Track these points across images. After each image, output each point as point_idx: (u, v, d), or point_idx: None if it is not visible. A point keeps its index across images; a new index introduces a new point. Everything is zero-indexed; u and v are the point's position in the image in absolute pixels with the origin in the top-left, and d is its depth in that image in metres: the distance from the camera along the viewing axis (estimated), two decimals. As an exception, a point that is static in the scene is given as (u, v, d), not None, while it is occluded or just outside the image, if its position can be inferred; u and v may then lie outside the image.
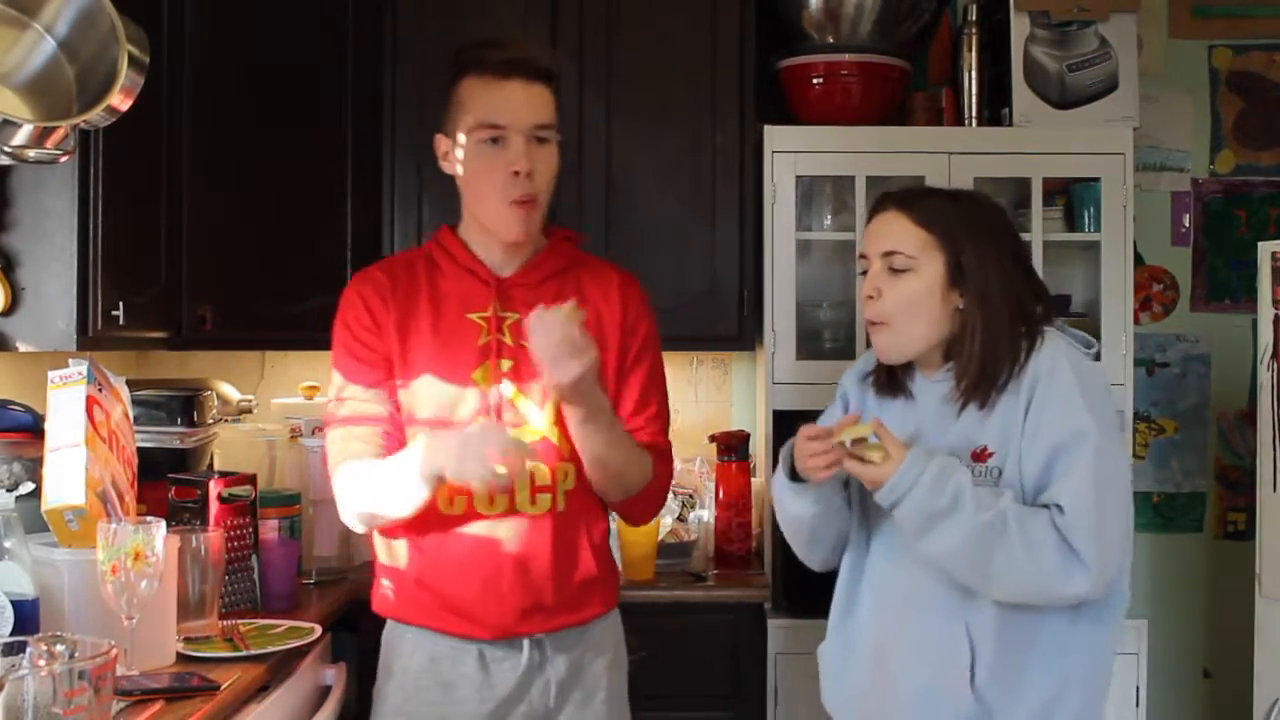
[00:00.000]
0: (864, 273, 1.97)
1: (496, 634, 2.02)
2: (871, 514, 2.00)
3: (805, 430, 1.92)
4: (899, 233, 1.92)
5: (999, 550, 1.79)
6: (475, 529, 2.01)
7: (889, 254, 1.91)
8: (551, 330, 1.83)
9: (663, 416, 2.14)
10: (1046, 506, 1.82)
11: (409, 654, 2.06)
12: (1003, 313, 1.89)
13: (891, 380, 2.02)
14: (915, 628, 1.92)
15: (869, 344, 2.02)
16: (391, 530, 2.05)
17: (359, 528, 2.07)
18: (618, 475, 2.04)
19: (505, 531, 2.01)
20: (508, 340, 2.02)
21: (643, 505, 2.13)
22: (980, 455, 1.89)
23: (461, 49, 2.02)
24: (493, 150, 1.97)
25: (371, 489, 1.98)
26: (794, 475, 1.99)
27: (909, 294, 1.90)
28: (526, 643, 2.03)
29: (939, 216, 1.92)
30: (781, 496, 2.02)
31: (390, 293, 2.06)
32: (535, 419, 2.01)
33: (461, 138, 2.00)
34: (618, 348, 2.07)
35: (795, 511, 2.01)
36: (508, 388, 2.01)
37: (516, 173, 1.95)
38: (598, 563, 2.08)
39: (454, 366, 2.01)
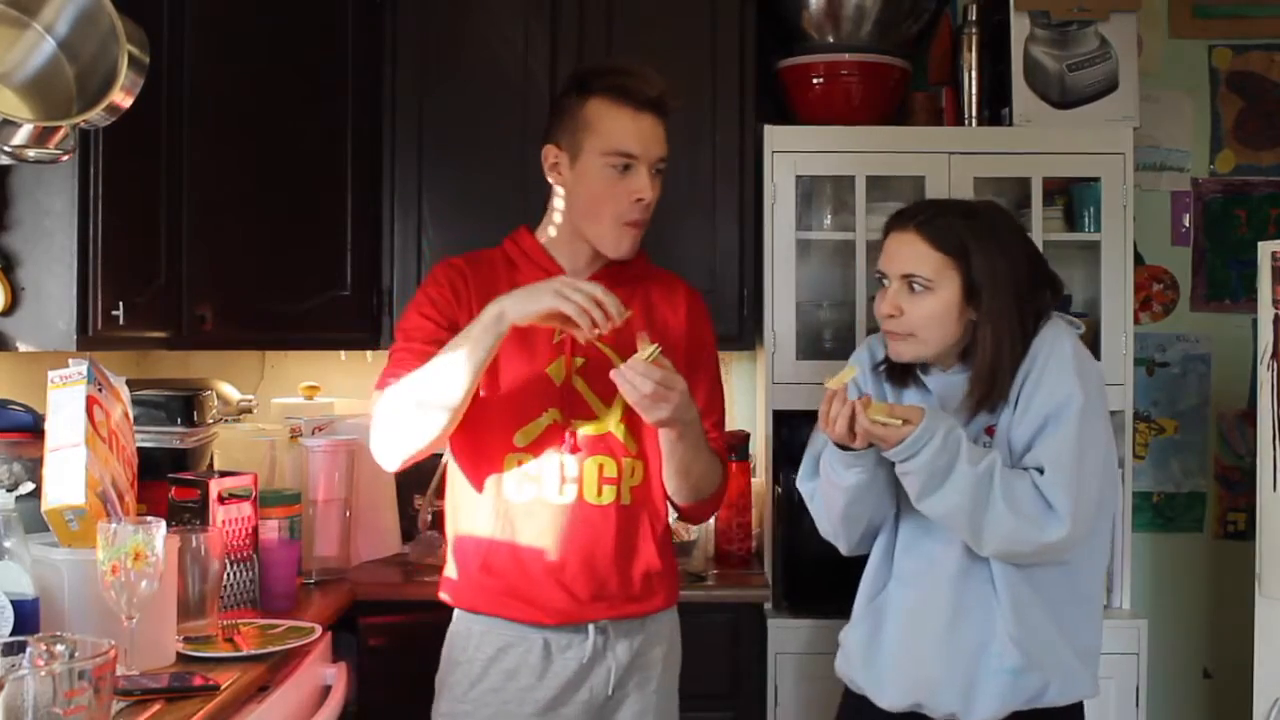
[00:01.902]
0: (882, 286, 2.09)
1: (561, 619, 2.10)
2: (902, 490, 2.09)
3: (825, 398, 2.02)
4: (917, 256, 2.04)
5: (988, 501, 1.94)
6: (541, 517, 2.10)
7: (908, 276, 2.04)
8: (640, 384, 1.93)
9: (723, 425, 2.27)
10: (1028, 469, 1.98)
11: (476, 645, 2.14)
12: (1013, 322, 2.02)
13: (902, 373, 2.15)
14: (950, 599, 2.05)
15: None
16: (459, 513, 2.15)
17: (394, 453, 2.06)
18: (697, 481, 2.15)
19: (571, 520, 2.10)
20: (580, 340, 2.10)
21: (707, 507, 2.24)
22: (989, 431, 2.06)
23: (596, 71, 2.14)
24: (619, 176, 2.09)
25: (419, 379, 2.00)
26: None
27: (928, 312, 2.04)
28: (591, 628, 2.11)
29: (954, 237, 2.03)
30: (831, 463, 2.09)
31: (473, 279, 2.16)
32: (606, 417, 2.13)
33: (587, 157, 2.09)
34: (684, 356, 2.15)
35: (843, 481, 2.08)
36: (570, 461, 2.11)
37: (640, 199, 2.09)
38: (660, 557, 2.18)
39: (530, 359, 2.11)
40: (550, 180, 2.17)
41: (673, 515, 2.29)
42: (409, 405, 2.01)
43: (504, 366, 2.11)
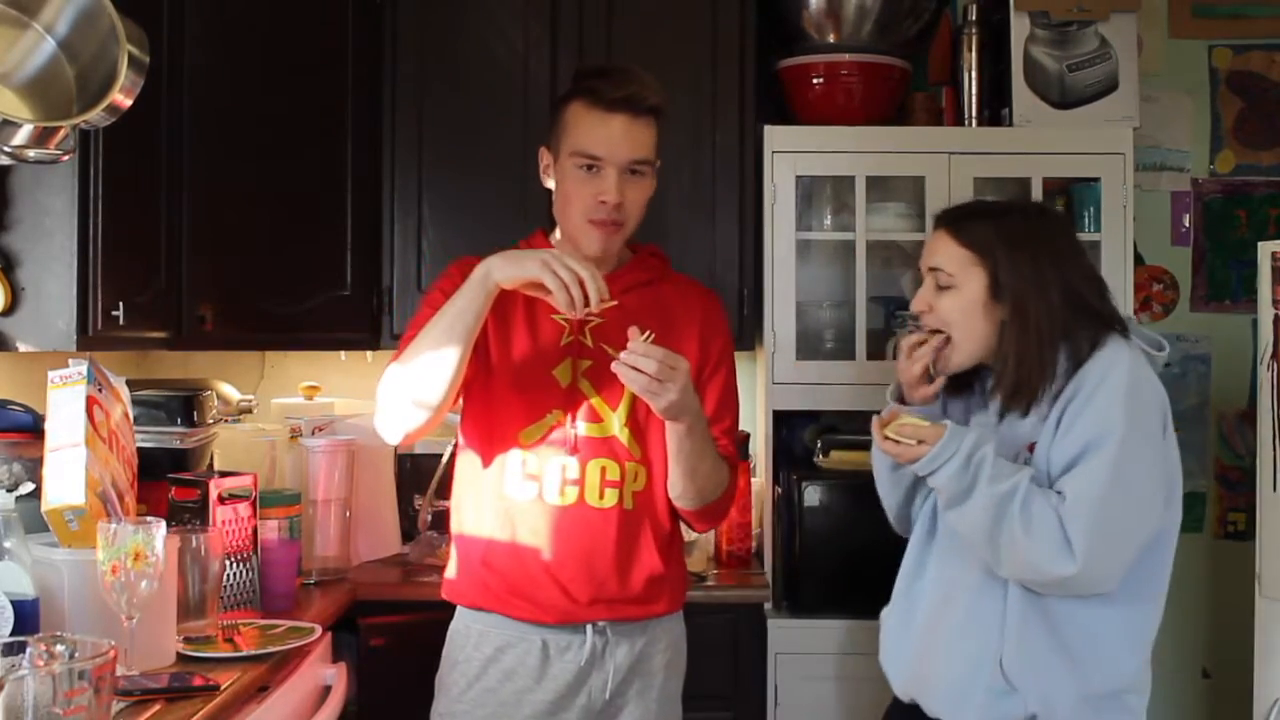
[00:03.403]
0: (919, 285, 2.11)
1: (561, 618, 2.10)
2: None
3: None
4: (943, 251, 2.04)
5: (1005, 524, 1.89)
6: (541, 516, 2.11)
7: (933, 270, 2.05)
8: (644, 364, 1.92)
9: (735, 430, 2.25)
10: (1058, 492, 1.91)
11: (475, 644, 2.14)
12: (1039, 324, 1.97)
13: (959, 381, 2.11)
14: (966, 600, 2.02)
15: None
16: (463, 510, 2.17)
17: (396, 424, 2.06)
18: (703, 484, 2.13)
19: (571, 522, 2.10)
20: (588, 342, 2.13)
21: (712, 514, 2.22)
22: (1031, 448, 2.00)
23: (580, 74, 2.15)
24: (586, 177, 2.09)
25: (414, 346, 2.01)
26: None
27: (951, 309, 2.03)
28: (589, 629, 2.11)
29: (979, 234, 2.02)
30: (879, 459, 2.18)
31: None
32: (610, 420, 2.13)
33: (562, 159, 2.11)
34: (696, 359, 2.14)
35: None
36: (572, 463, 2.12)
37: (603, 201, 2.07)
38: (664, 562, 2.17)
39: (538, 359, 2.12)
40: (544, 182, 2.19)
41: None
42: (407, 373, 2.02)
43: (512, 365, 2.13)
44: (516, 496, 2.13)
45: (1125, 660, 1.99)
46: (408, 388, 2.02)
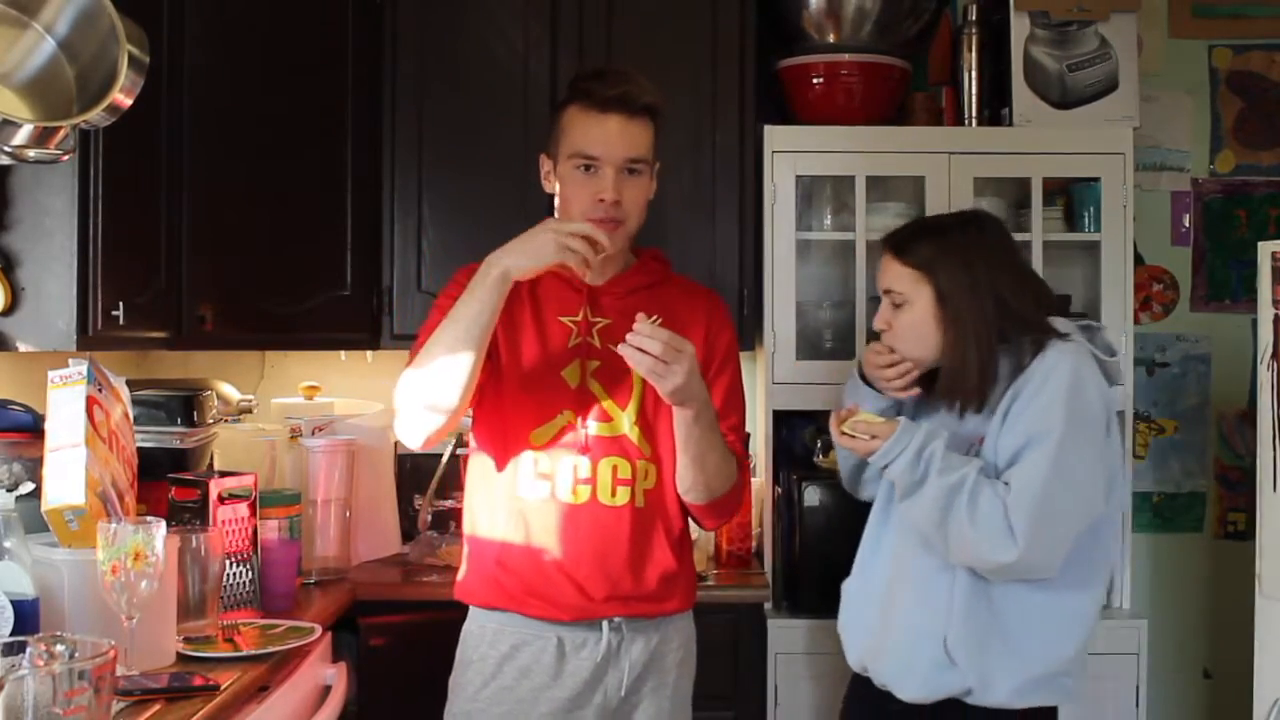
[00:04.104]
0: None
1: (576, 615, 2.12)
2: None
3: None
4: (893, 273, 2.19)
5: (953, 513, 2.03)
6: (554, 516, 2.12)
7: (888, 292, 2.20)
8: (650, 345, 1.93)
9: (741, 429, 2.26)
10: (1005, 483, 2.05)
11: (490, 642, 2.15)
12: (976, 329, 2.11)
13: (924, 381, 2.23)
14: (919, 576, 2.14)
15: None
16: (476, 511, 2.18)
17: (416, 428, 2.08)
18: (711, 477, 2.14)
19: (584, 520, 2.12)
20: (596, 343, 2.15)
21: (720, 510, 2.23)
22: (980, 440, 2.14)
23: (576, 78, 2.19)
24: (585, 177, 2.12)
25: (430, 348, 2.04)
26: None
27: (906, 324, 2.18)
28: (605, 625, 2.12)
29: (921, 253, 2.16)
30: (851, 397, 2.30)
31: None
32: (619, 419, 2.15)
33: (562, 162, 2.14)
34: (701, 357, 2.14)
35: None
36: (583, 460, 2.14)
37: (602, 200, 2.10)
38: (677, 560, 2.20)
39: (546, 361, 2.14)
40: (545, 188, 2.21)
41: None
42: (424, 378, 2.04)
43: (521, 368, 2.15)
44: (529, 496, 2.14)
45: (1062, 644, 2.11)
46: (426, 393, 2.04)
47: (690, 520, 2.26)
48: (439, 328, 2.04)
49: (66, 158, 2.01)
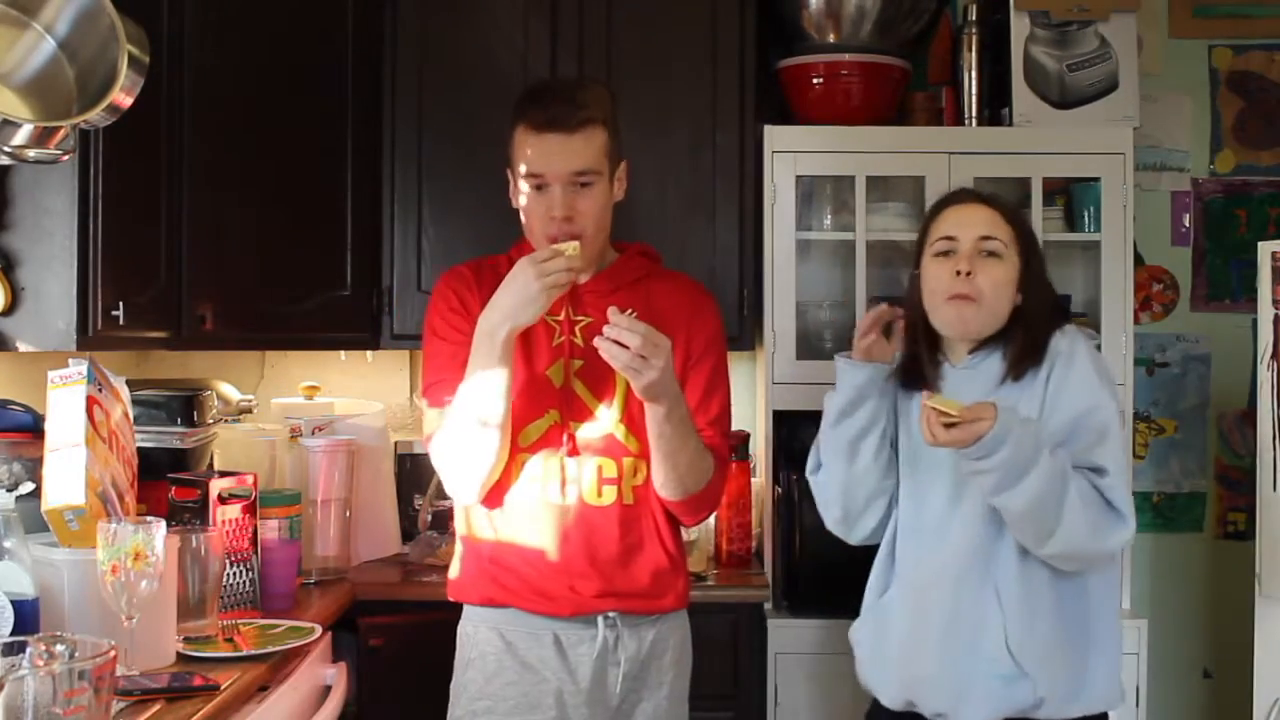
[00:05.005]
0: (945, 253, 2.08)
1: (572, 611, 2.12)
2: (906, 496, 2.16)
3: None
4: (995, 222, 2.09)
5: (1066, 499, 1.94)
6: (544, 517, 2.13)
7: (986, 238, 2.08)
8: (628, 338, 1.95)
9: (723, 421, 2.25)
10: (1082, 469, 1.99)
11: (486, 638, 2.16)
12: (1050, 313, 2.11)
13: (912, 374, 2.16)
14: (948, 600, 2.06)
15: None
16: (468, 512, 2.19)
17: (472, 488, 2.13)
18: (684, 473, 2.13)
19: (573, 520, 2.13)
20: (579, 341, 2.15)
21: (698, 506, 2.21)
22: None
23: (519, 98, 2.19)
24: (538, 196, 2.13)
25: (459, 417, 2.07)
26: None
27: (999, 277, 2.07)
28: (601, 622, 2.12)
29: (1021, 222, 2.14)
30: (838, 375, 2.19)
31: (476, 285, 2.18)
32: (605, 417, 2.15)
33: (516, 181, 2.17)
34: (682, 350, 2.16)
35: (848, 392, 2.15)
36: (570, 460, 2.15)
37: (554, 217, 2.11)
38: (669, 556, 2.19)
39: (530, 361, 2.14)
40: (513, 203, 2.22)
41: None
42: (464, 443, 2.07)
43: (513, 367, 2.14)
44: (519, 498, 2.14)
45: (1115, 626, 2.10)
46: (473, 457, 2.08)
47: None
48: (464, 395, 2.06)
49: (66, 158, 2.01)
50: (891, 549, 2.18)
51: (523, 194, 2.15)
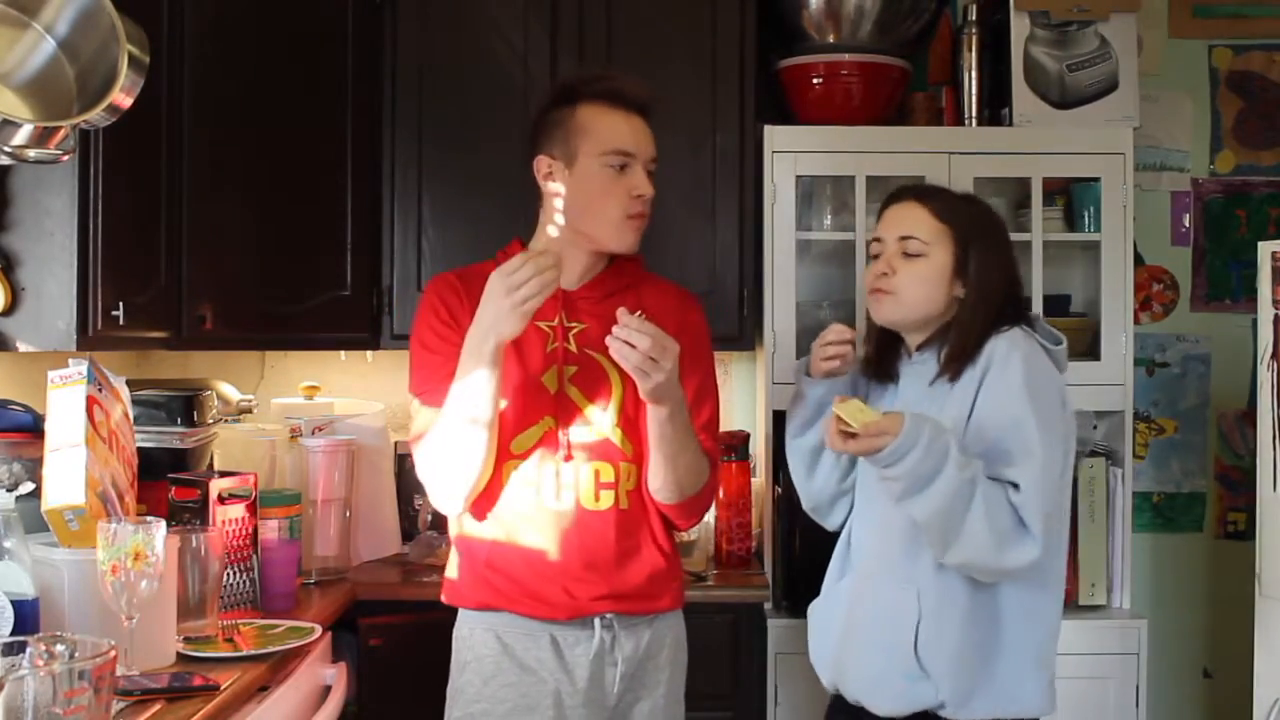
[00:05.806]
0: (875, 256, 2.18)
1: (569, 614, 2.12)
2: (857, 487, 2.23)
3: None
4: (917, 220, 2.14)
5: (970, 511, 1.95)
6: (540, 522, 2.13)
7: (905, 238, 2.13)
8: (639, 340, 1.95)
9: (713, 426, 2.26)
10: (999, 482, 2.00)
11: (483, 641, 2.15)
12: (994, 308, 2.10)
13: (882, 367, 2.22)
14: (878, 592, 2.12)
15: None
16: (464, 517, 2.17)
17: (457, 499, 2.12)
18: (682, 476, 2.14)
19: (570, 525, 2.13)
20: (573, 348, 2.15)
21: (691, 509, 2.22)
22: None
23: (584, 79, 2.20)
24: (618, 175, 2.13)
25: (444, 427, 2.06)
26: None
27: (917, 274, 2.12)
28: (597, 623, 2.12)
29: (954, 213, 2.14)
30: (799, 388, 2.26)
31: (465, 294, 2.16)
32: (601, 422, 2.14)
33: (585, 161, 2.13)
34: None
35: (809, 407, 2.22)
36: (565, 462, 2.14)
37: (640, 196, 2.14)
38: (664, 558, 2.20)
39: (524, 368, 2.13)
40: (547, 190, 2.19)
41: None
42: (447, 452, 2.07)
43: (501, 375, 2.12)
44: (515, 503, 2.14)
45: (1048, 636, 2.10)
46: (457, 466, 2.07)
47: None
48: (451, 408, 2.05)
49: (66, 158, 2.01)
50: (847, 539, 2.25)
51: (588, 174, 2.13)
